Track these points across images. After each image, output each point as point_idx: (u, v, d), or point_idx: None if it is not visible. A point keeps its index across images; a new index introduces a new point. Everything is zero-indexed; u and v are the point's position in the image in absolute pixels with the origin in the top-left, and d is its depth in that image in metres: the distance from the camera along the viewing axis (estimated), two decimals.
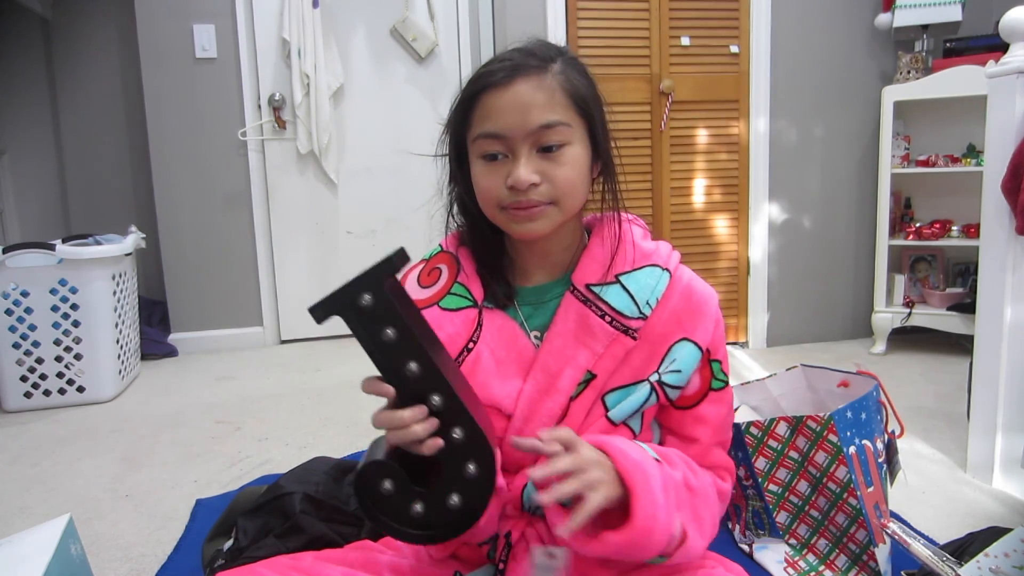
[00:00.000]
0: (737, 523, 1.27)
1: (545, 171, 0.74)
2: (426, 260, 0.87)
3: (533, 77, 0.74)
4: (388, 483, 0.64)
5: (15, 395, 2.22)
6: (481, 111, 0.75)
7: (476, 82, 0.76)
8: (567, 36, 2.54)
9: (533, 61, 0.75)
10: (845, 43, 2.72)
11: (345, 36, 3.01)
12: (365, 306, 0.60)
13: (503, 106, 0.73)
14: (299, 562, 0.77)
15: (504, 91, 0.73)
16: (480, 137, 0.75)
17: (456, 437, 0.63)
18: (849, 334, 2.87)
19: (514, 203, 0.74)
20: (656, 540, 0.65)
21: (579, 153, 0.76)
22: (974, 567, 0.97)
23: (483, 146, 0.75)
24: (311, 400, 2.25)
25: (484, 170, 0.76)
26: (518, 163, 0.73)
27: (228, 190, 2.96)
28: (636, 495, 0.64)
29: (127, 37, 3.07)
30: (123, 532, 1.41)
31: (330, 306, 0.60)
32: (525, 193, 0.73)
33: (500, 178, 0.74)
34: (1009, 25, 1.41)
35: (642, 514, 0.64)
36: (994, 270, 1.47)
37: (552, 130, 0.73)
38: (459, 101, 0.78)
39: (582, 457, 0.64)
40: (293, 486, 1.19)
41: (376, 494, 0.64)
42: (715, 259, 2.75)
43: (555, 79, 0.75)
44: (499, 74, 0.74)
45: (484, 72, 0.76)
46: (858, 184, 2.79)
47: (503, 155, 0.74)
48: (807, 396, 1.39)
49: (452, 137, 0.80)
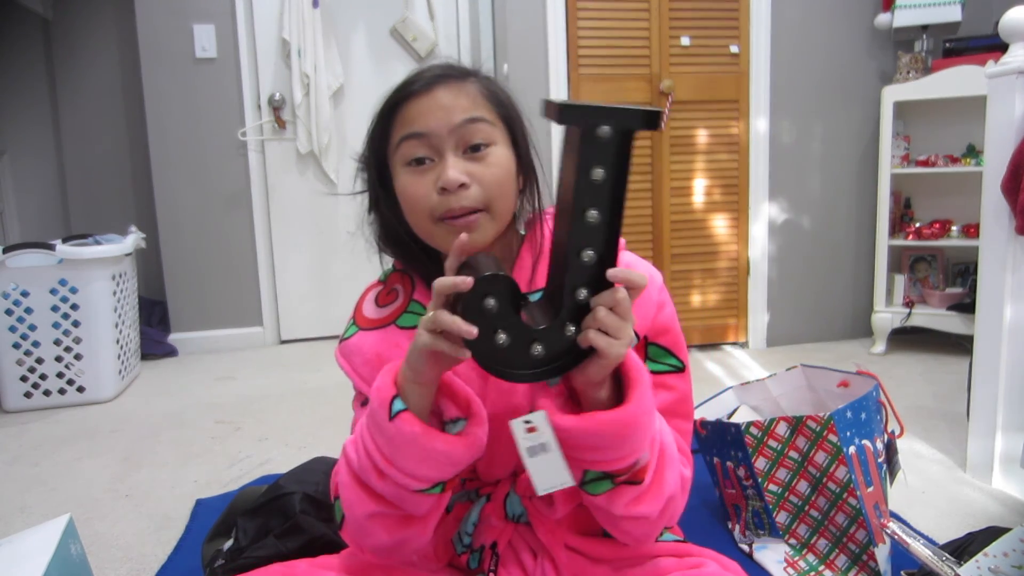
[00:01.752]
0: (737, 523, 1.27)
1: (473, 172, 0.72)
2: (382, 282, 0.86)
3: (453, 84, 0.74)
4: (494, 303, 0.60)
5: (15, 395, 2.23)
6: (402, 119, 0.74)
7: (394, 94, 0.75)
8: (567, 36, 2.54)
9: (452, 72, 0.75)
10: (845, 43, 2.72)
11: (345, 36, 3.01)
12: (600, 136, 0.56)
13: (425, 109, 0.73)
14: (292, 570, 0.77)
15: (425, 96, 0.73)
16: (403, 140, 0.73)
17: (587, 261, 0.61)
18: (849, 334, 2.88)
19: (447, 212, 0.72)
20: (639, 436, 0.65)
21: (504, 154, 0.75)
22: (973, 567, 0.97)
23: (407, 149, 0.73)
24: (311, 400, 2.25)
25: (411, 178, 0.74)
26: (446, 163, 0.72)
27: (228, 190, 2.96)
28: (634, 380, 0.64)
29: (127, 37, 3.07)
30: (123, 532, 1.41)
31: (577, 115, 0.56)
32: (456, 196, 0.71)
33: (429, 184, 0.72)
34: (1009, 25, 1.41)
35: (637, 398, 0.64)
36: (994, 270, 1.47)
37: (476, 125, 0.72)
38: (377, 117, 0.77)
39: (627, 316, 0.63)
40: (293, 486, 1.19)
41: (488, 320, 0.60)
42: (715, 259, 2.75)
43: (475, 86, 0.75)
44: (418, 83, 0.74)
45: (401, 85, 0.76)
46: (858, 184, 2.80)
47: (429, 159, 0.73)
48: (807, 396, 1.39)
49: (373, 157, 0.78)
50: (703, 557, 0.79)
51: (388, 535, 0.70)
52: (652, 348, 0.78)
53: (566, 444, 0.65)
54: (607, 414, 0.63)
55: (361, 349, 0.80)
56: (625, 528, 0.71)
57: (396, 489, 0.67)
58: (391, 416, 0.64)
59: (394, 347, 0.78)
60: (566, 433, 0.64)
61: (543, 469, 0.66)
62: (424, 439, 0.64)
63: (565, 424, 0.64)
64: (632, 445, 0.65)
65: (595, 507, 0.70)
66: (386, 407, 0.64)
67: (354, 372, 0.80)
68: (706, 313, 2.78)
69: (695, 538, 0.91)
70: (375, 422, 0.66)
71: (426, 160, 0.73)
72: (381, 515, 0.69)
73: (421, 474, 0.65)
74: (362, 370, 0.79)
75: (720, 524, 1.33)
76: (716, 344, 2.83)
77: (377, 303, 0.83)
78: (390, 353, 0.77)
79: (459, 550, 0.80)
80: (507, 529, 0.79)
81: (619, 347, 0.61)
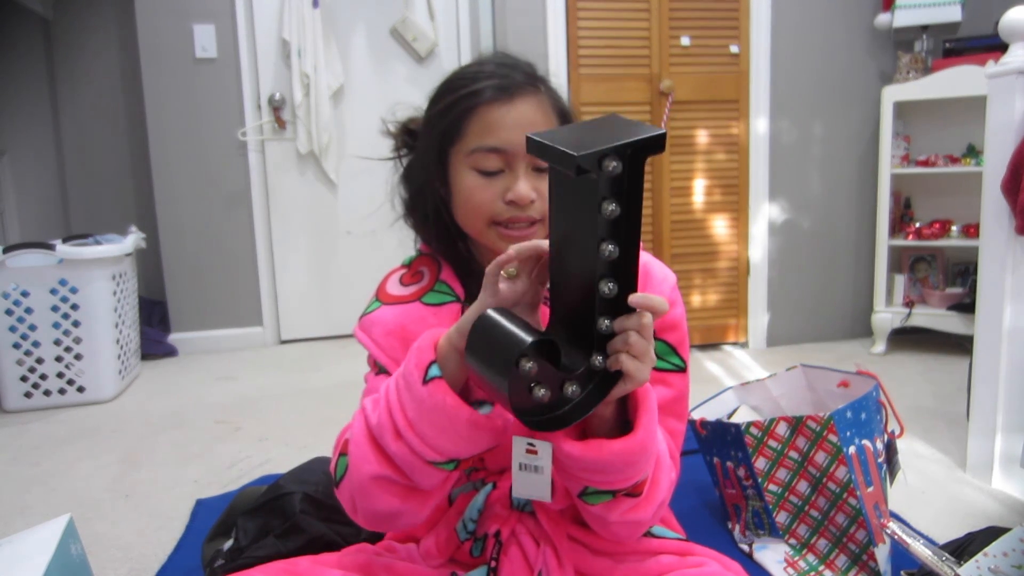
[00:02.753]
0: (737, 523, 1.27)
1: (539, 188, 0.75)
2: (406, 265, 0.87)
3: (531, 96, 0.76)
4: (534, 366, 0.57)
5: (15, 395, 2.23)
6: (480, 124, 0.75)
7: (472, 95, 0.75)
8: (567, 36, 2.54)
9: (522, 77, 0.77)
10: (845, 43, 2.72)
11: (345, 36, 3.01)
12: (610, 172, 0.54)
13: (507, 123, 0.74)
14: (295, 567, 0.77)
15: (507, 107, 0.74)
16: (479, 151, 0.75)
17: (607, 294, 0.59)
18: (849, 334, 2.88)
19: (512, 218, 0.75)
20: (644, 460, 0.65)
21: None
22: (973, 567, 0.97)
23: (481, 160, 0.75)
24: (311, 400, 2.25)
25: (479, 184, 0.76)
26: (518, 179, 0.74)
27: (228, 190, 2.96)
28: (642, 403, 0.65)
29: (127, 37, 3.07)
30: (123, 532, 1.41)
31: (589, 158, 0.53)
32: (523, 209, 0.74)
33: (496, 192, 0.75)
34: (1009, 25, 1.41)
35: (646, 425, 0.64)
36: (994, 270, 1.47)
37: None
38: (450, 109, 0.77)
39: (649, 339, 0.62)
40: (293, 486, 1.19)
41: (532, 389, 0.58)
42: (715, 259, 2.75)
43: (548, 99, 0.77)
44: (496, 90, 0.75)
45: (478, 86, 0.76)
46: (858, 184, 2.80)
47: (500, 170, 0.75)
48: (807, 396, 1.39)
49: (435, 142, 0.79)
50: (705, 557, 0.79)
51: (387, 502, 0.68)
52: (658, 344, 0.79)
53: (571, 468, 0.65)
54: (617, 443, 0.63)
55: (384, 320, 0.81)
56: (616, 531, 0.71)
57: (411, 456, 0.65)
58: (425, 380, 0.63)
59: (419, 321, 0.79)
60: (573, 460, 0.64)
61: (527, 483, 0.67)
62: (453, 410, 0.63)
63: (574, 453, 0.64)
64: (637, 468, 0.65)
65: (590, 514, 0.71)
66: (423, 369, 0.64)
67: (374, 344, 0.80)
68: (706, 313, 2.78)
69: (695, 538, 0.91)
70: (407, 383, 0.65)
71: (497, 172, 0.76)
72: (387, 480, 0.67)
73: (440, 445, 0.64)
74: (383, 341, 0.80)
75: (720, 524, 1.33)
76: (716, 344, 2.83)
77: (402, 283, 0.85)
78: (415, 326, 0.78)
79: (463, 537, 0.80)
80: (511, 518, 0.79)
81: (646, 371, 0.62)
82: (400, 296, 0.82)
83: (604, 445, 0.63)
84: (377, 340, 0.80)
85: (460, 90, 0.76)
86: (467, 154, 0.76)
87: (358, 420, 0.71)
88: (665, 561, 0.77)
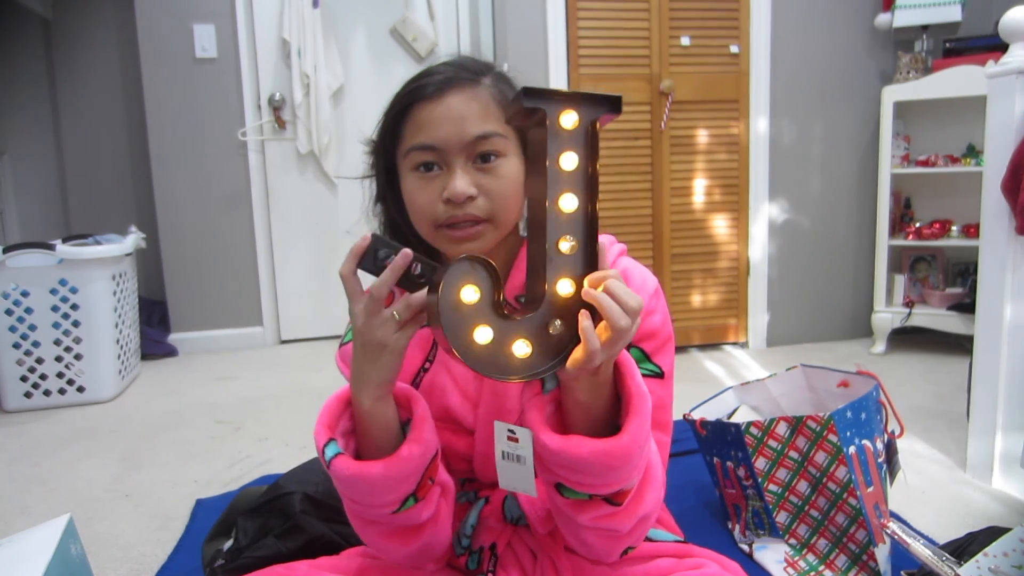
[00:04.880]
0: (737, 523, 1.27)
1: (481, 184, 0.71)
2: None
3: (466, 89, 0.73)
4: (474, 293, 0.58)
5: (15, 395, 2.23)
6: (413, 124, 0.73)
7: (406, 95, 0.74)
8: (567, 36, 2.54)
9: (464, 74, 0.74)
10: (845, 43, 2.72)
11: (345, 36, 3.01)
12: (566, 125, 0.57)
13: (436, 118, 0.71)
14: (293, 572, 0.77)
15: (437, 103, 0.72)
16: (413, 150, 0.72)
17: (567, 253, 0.59)
18: (849, 334, 2.88)
19: (450, 219, 0.71)
20: (628, 468, 0.62)
21: (514, 166, 0.73)
22: (973, 567, 0.97)
23: (416, 158, 0.73)
24: (311, 400, 2.25)
25: (418, 184, 0.73)
26: (454, 175, 0.71)
27: (228, 190, 2.96)
28: (635, 409, 0.62)
29: (127, 37, 3.07)
30: (123, 532, 1.41)
31: (543, 97, 0.56)
32: (461, 207, 0.70)
33: (435, 192, 0.72)
34: (1009, 25, 1.41)
35: (634, 429, 0.61)
36: (994, 270, 1.47)
37: (487, 141, 0.71)
38: (388, 115, 0.76)
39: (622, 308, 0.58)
40: (293, 486, 1.19)
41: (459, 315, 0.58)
42: (715, 259, 2.75)
43: (487, 91, 0.73)
44: (430, 87, 0.72)
45: (414, 86, 0.74)
46: (858, 184, 2.80)
47: (437, 166, 0.72)
48: (807, 396, 1.39)
49: (382, 153, 0.78)
50: (703, 558, 0.79)
51: (404, 546, 0.71)
52: (632, 350, 0.76)
53: (547, 461, 0.63)
54: (599, 443, 0.60)
55: None
56: (586, 539, 0.68)
57: (378, 514, 0.68)
58: (328, 464, 0.66)
59: None
60: (549, 452, 0.62)
61: (512, 474, 0.66)
62: (362, 476, 0.64)
63: (551, 444, 0.62)
64: (618, 475, 0.62)
65: (560, 513, 0.68)
66: (322, 455, 0.66)
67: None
68: (706, 313, 2.78)
69: (695, 538, 0.91)
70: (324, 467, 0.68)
71: (434, 167, 0.72)
72: (388, 533, 0.71)
73: (382, 501, 0.66)
74: None
75: (720, 524, 1.33)
76: (716, 344, 2.83)
77: None
78: None
79: (458, 552, 0.80)
80: (506, 531, 0.79)
81: (602, 340, 0.57)
82: None
83: (584, 443, 0.61)
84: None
85: (400, 95, 0.75)
86: (404, 156, 0.74)
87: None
88: (663, 564, 0.76)
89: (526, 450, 0.64)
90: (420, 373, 0.78)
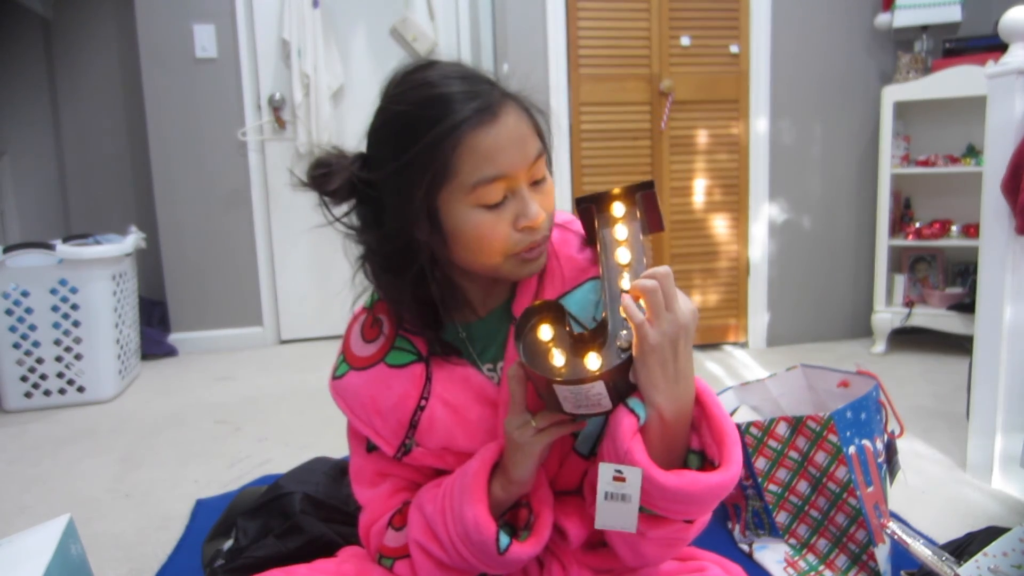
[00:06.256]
0: (737, 523, 1.27)
1: (542, 205, 0.69)
2: (367, 309, 0.81)
3: (509, 106, 0.67)
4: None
5: (15, 395, 2.23)
6: (472, 154, 0.64)
7: (453, 127, 0.64)
8: (567, 36, 2.54)
9: (487, 87, 0.67)
10: (845, 43, 2.72)
11: (345, 36, 3.01)
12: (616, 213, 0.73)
13: (501, 144, 0.64)
14: (291, 575, 0.77)
15: (495, 126, 0.65)
16: (481, 184, 0.65)
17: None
18: (849, 334, 2.87)
19: (530, 246, 0.68)
20: (723, 496, 0.64)
21: (551, 180, 0.72)
22: (973, 567, 0.97)
23: (486, 195, 0.65)
24: (311, 400, 2.25)
25: (488, 220, 0.66)
26: (527, 203, 0.66)
27: (228, 190, 2.96)
28: (728, 439, 0.64)
29: (127, 37, 3.07)
30: (123, 532, 1.41)
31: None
32: (540, 230, 0.68)
33: (507, 222, 0.67)
34: (1009, 25, 1.41)
35: (736, 459, 0.63)
36: (994, 270, 1.47)
37: (541, 159, 0.69)
38: (434, 147, 0.64)
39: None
40: (293, 486, 1.19)
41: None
42: (715, 259, 2.75)
43: (517, 103, 0.68)
44: (478, 111, 0.64)
45: (459, 114, 0.64)
46: (858, 184, 2.80)
47: (505, 199, 0.67)
48: (807, 396, 1.39)
49: (423, 194, 0.66)
50: (706, 561, 0.79)
51: None
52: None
53: (653, 496, 0.63)
54: (711, 477, 0.62)
55: (356, 392, 0.78)
56: (645, 549, 0.69)
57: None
58: (501, 552, 0.68)
59: (386, 389, 0.75)
60: (660, 489, 0.61)
61: (612, 512, 0.64)
62: (529, 557, 0.70)
63: (667, 483, 0.61)
64: (716, 503, 0.64)
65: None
66: (493, 544, 0.68)
67: (350, 411, 0.78)
68: (706, 313, 2.78)
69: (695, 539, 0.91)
70: (481, 550, 0.69)
71: (503, 201, 0.67)
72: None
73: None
74: (358, 411, 0.78)
75: (720, 524, 1.33)
76: (716, 344, 2.83)
77: (364, 337, 0.80)
78: (383, 396, 0.75)
79: None
80: None
81: (649, 318, 0.61)
82: (364, 359, 0.78)
83: (699, 479, 0.61)
84: (354, 410, 0.78)
85: (437, 122, 0.64)
86: (468, 192, 0.65)
87: (424, 537, 0.73)
88: (665, 568, 0.77)
89: (633, 488, 0.63)
90: (417, 412, 0.75)
